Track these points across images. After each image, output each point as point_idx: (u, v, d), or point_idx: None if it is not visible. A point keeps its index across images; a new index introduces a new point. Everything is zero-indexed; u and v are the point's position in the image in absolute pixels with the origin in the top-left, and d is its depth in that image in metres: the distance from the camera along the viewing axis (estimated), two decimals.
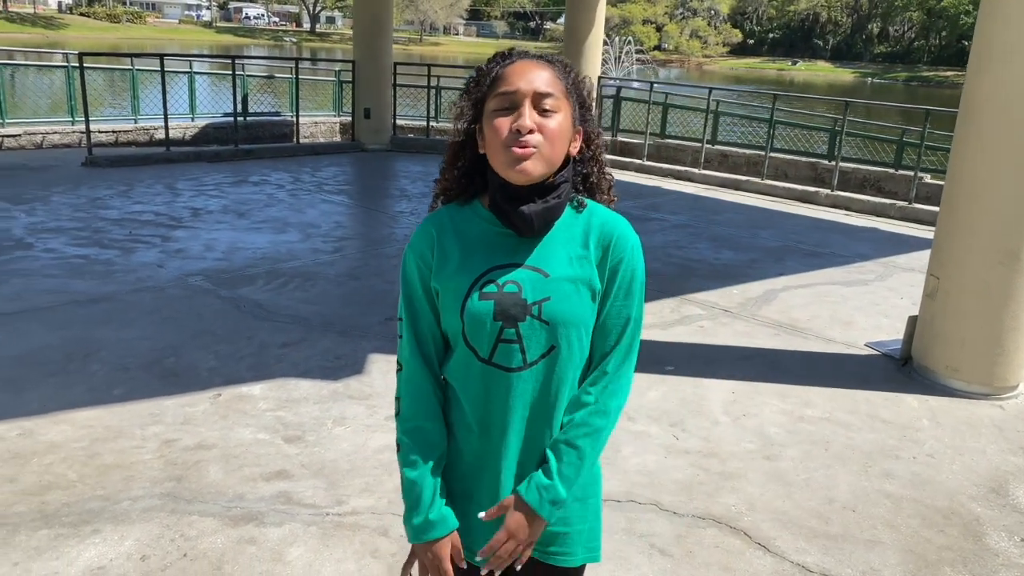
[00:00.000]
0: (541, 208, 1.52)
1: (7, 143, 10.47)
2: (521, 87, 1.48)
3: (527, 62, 1.52)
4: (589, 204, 1.62)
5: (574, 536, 1.66)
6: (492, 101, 1.51)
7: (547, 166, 1.50)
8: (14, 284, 5.56)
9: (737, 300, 6.17)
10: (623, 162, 12.23)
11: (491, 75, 1.54)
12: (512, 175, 1.49)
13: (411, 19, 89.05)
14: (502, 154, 1.48)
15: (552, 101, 1.49)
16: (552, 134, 1.48)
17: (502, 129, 1.48)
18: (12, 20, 64.66)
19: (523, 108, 1.48)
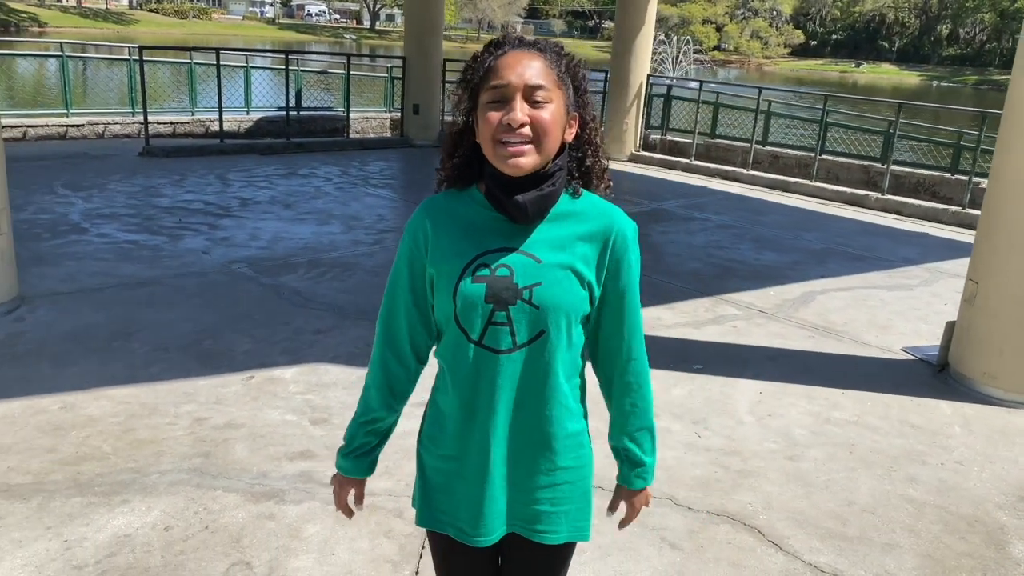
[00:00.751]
0: (535, 196, 1.54)
1: (71, 132, 10.87)
2: (512, 80, 1.49)
3: (518, 53, 1.53)
4: (584, 192, 1.64)
5: (560, 515, 1.70)
6: (485, 94, 1.52)
7: (541, 157, 1.52)
8: (68, 266, 5.79)
9: (774, 301, 6.10)
10: (671, 161, 12.16)
11: (484, 66, 1.55)
12: (505, 168, 1.51)
13: (469, 17, 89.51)
14: (493, 148, 1.51)
15: (543, 92, 1.50)
16: (545, 125, 1.50)
17: (493, 122, 1.49)
18: (86, 16, 66.89)
19: (514, 102, 1.49)
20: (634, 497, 1.83)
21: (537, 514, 1.68)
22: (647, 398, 1.75)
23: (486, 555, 1.75)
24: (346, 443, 1.76)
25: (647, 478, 1.81)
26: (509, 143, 1.49)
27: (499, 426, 1.61)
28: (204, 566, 2.81)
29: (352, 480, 1.78)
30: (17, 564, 2.76)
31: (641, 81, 12.08)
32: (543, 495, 1.67)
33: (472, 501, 1.65)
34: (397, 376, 1.70)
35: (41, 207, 7.28)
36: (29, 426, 3.65)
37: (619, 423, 1.76)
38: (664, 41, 39.58)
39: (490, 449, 1.63)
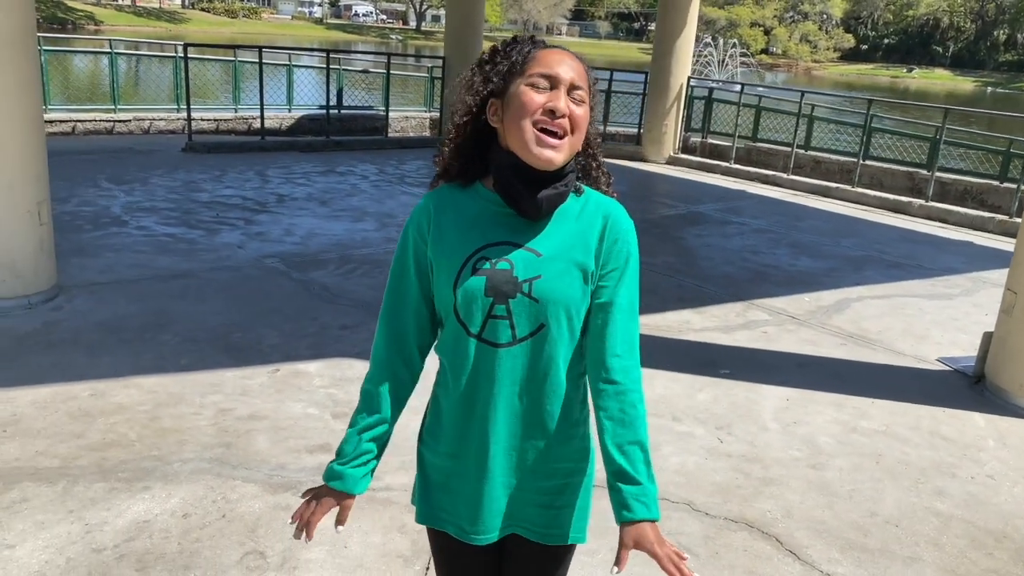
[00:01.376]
0: (552, 194, 1.55)
1: (118, 128, 11.13)
2: (561, 73, 1.52)
3: (563, 52, 1.57)
4: (586, 189, 1.64)
5: (563, 516, 1.68)
6: (526, 79, 1.53)
7: (570, 154, 1.55)
8: (107, 258, 5.92)
9: (807, 308, 6.00)
10: (710, 164, 12.04)
11: (523, 54, 1.56)
12: (533, 158, 1.51)
13: (514, 19, 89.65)
14: (527, 131, 1.51)
15: (582, 93, 1.54)
16: (580, 122, 1.53)
17: (535, 103, 1.50)
18: (140, 14, 68.42)
19: (559, 92, 1.52)
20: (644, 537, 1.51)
21: (538, 514, 1.67)
22: (636, 406, 1.59)
23: (487, 554, 1.74)
24: (345, 453, 1.65)
25: (649, 505, 1.54)
26: (547, 131, 1.51)
27: (499, 422, 1.60)
28: (218, 554, 2.85)
29: (342, 495, 1.65)
30: (39, 546, 2.82)
31: (681, 83, 11.97)
32: (544, 494, 1.66)
33: (471, 499, 1.65)
34: (403, 380, 1.68)
35: (84, 200, 7.46)
36: (60, 412, 3.74)
37: (607, 433, 1.56)
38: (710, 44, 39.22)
39: (489, 446, 1.61)
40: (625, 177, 11.06)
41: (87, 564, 2.75)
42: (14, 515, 2.98)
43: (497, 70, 1.57)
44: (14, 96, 4.49)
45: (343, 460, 1.65)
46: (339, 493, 1.65)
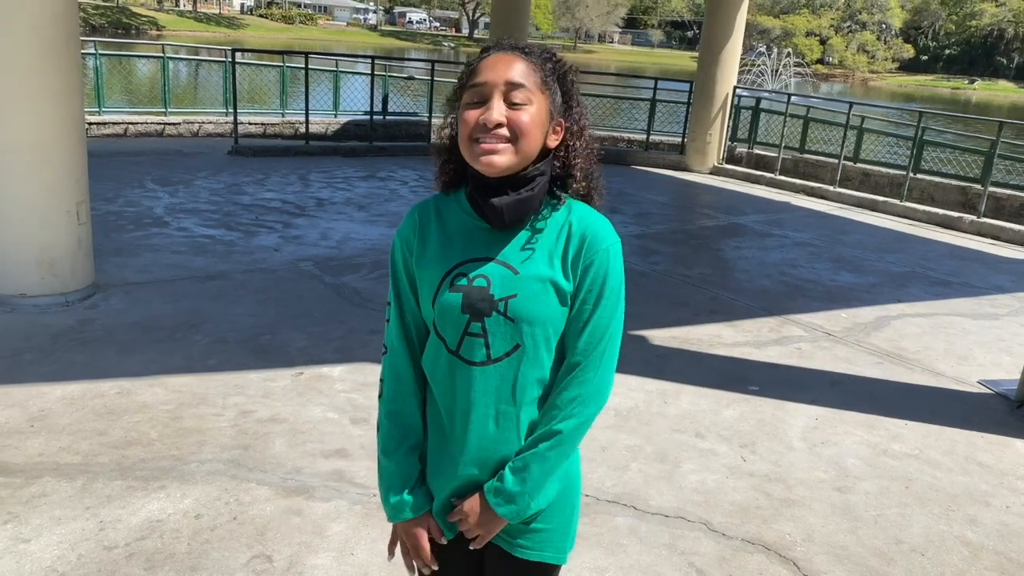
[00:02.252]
0: (512, 201, 1.50)
1: (168, 130, 11.38)
2: (490, 79, 1.47)
3: (502, 54, 1.51)
4: (569, 201, 1.58)
5: (543, 533, 1.65)
6: (466, 94, 1.51)
7: (517, 158, 1.48)
8: (145, 258, 6.05)
9: (844, 324, 5.85)
10: (754, 175, 11.85)
11: (470, 67, 1.54)
12: (478, 166, 1.48)
13: (567, 26, 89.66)
14: (469, 149, 1.49)
15: (523, 93, 1.46)
16: (522, 127, 1.46)
17: (469, 122, 1.47)
18: (200, 20, 70.12)
19: (492, 101, 1.46)
20: (480, 510, 1.57)
21: (518, 530, 1.64)
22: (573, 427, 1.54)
23: (469, 563, 1.72)
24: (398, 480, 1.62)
25: (500, 500, 1.55)
26: (484, 145, 1.46)
27: (472, 437, 1.57)
28: (226, 556, 2.87)
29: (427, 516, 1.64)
30: (53, 541, 2.87)
31: (727, 93, 11.81)
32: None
33: (448, 509, 1.63)
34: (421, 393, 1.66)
35: (129, 200, 7.63)
36: (86, 409, 3.81)
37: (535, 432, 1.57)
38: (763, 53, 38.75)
39: (459, 460, 1.59)
40: (667, 187, 10.95)
41: (97, 561, 2.79)
42: (33, 509, 3.04)
43: (457, 89, 1.55)
44: (57, 100, 4.61)
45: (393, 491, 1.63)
46: (417, 520, 1.64)
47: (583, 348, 1.54)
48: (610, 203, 7.21)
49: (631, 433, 4.01)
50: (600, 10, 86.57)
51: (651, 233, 8.16)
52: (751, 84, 26.14)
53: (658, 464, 3.74)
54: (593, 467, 3.65)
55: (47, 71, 4.51)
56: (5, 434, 3.53)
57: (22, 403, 3.81)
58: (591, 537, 3.14)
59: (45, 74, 4.49)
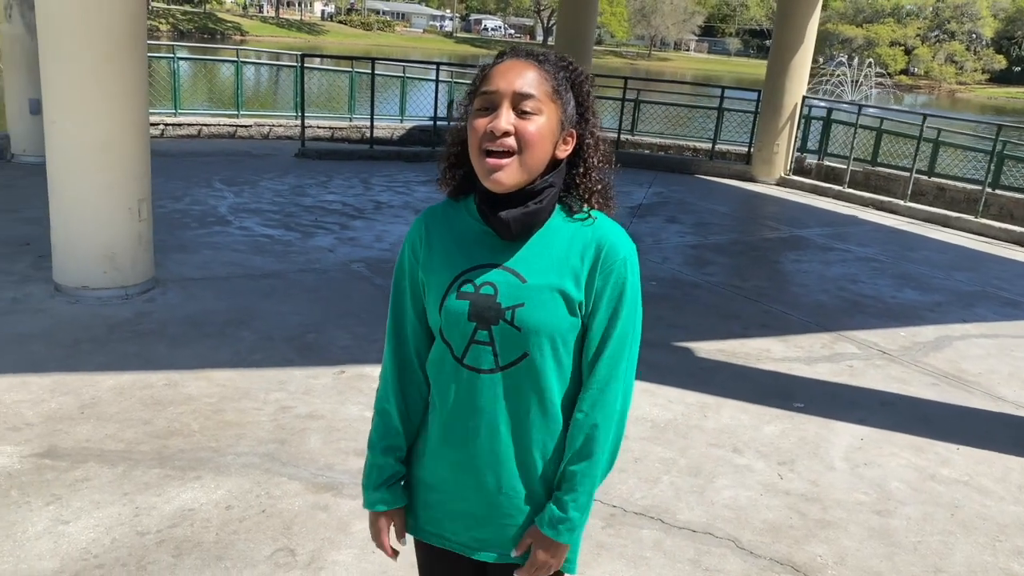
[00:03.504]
0: (519, 214, 1.50)
1: (240, 132, 11.73)
2: (501, 87, 1.46)
3: (514, 61, 1.50)
4: (585, 210, 1.56)
5: None
6: (476, 100, 1.50)
7: (524, 172, 1.47)
8: (205, 255, 6.24)
9: (901, 343, 5.65)
10: (822, 187, 11.56)
11: (480, 75, 1.53)
12: (486, 184, 1.48)
13: (642, 34, 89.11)
14: (478, 160, 1.48)
15: (533, 103, 1.45)
16: (530, 137, 1.45)
17: (478, 130, 1.46)
18: (282, 26, 72.15)
19: (501, 109, 1.45)
20: (540, 546, 1.57)
21: (518, 537, 1.62)
22: (600, 444, 1.54)
23: (467, 569, 1.72)
24: (375, 474, 1.67)
25: (561, 532, 1.55)
26: (492, 153, 1.45)
27: (485, 447, 1.57)
28: (251, 548, 2.94)
29: (393, 512, 1.68)
30: (90, 524, 2.99)
31: (796, 102, 11.55)
32: (525, 520, 1.61)
33: (459, 517, 1.63)
34: (412, 396, 1.66)
35: (196, 199, 7.89)
36: (134, 399, 3.95)
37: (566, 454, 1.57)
38: (843, 63, 37.78)
39: (472, 472, 1.59)
40: (730, 197, 10.77)
41: (129, 546, 2.89)
42: (75, 492, 3.17)
43: (469, 95, 1.54)
44: (122, 101, 4.80)
45: (379, 480, 1.66)
46: (382, 515, 1.69)
47: (605, 361, 1.53)
48: (669, 212, 7.17)
49: (666, 446, 3.95)
50: (676, 18, 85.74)
51: (708, 244, 8.04)
52: (829, 95, 25.49)
53: (691, 478, 3.68)
54: (624, 478, 3.61)
55: (113, 73, 4.70)
56: (57, 419, 3.69)
57: (76, 390, 3.97)
58: (614, 548, 3.11)
59: (111, 75, 4.69)
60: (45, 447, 3.46)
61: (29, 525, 2.95)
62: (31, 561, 2.77)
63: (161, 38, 42.60)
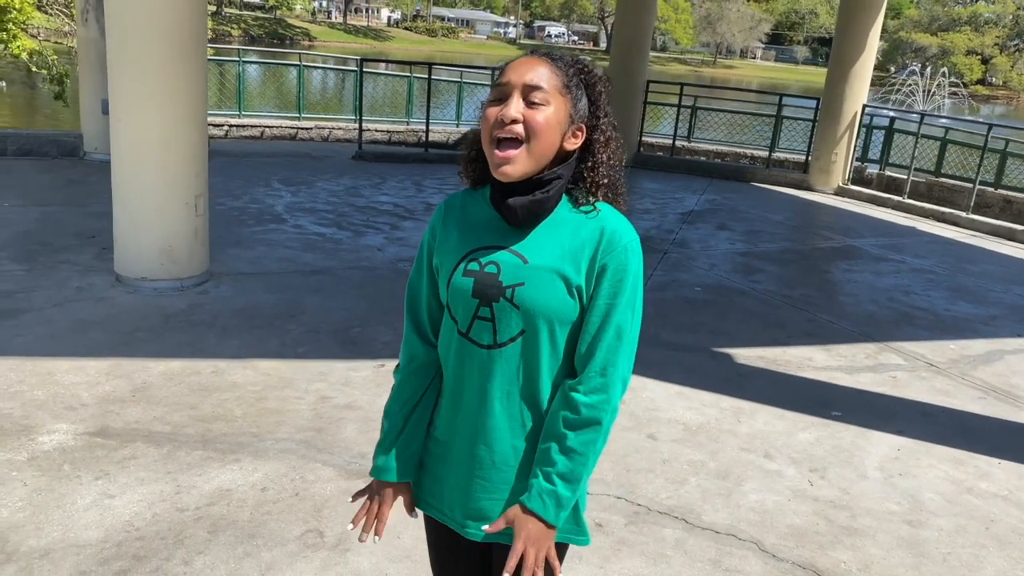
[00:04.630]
0: (526, 202, 1.58)
1: (300, 134, 12.05)
2: (512, 79, 1.55)
3: (528, 58, 1.60)
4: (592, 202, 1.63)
5: None
6: (491, 93, 1.60)
7: (531, 162, 1.55)
8: (259, 250, 6.46)
9: (950, 356, 5.54)
10: (881, 198, 11.33)
11: (499, 71, 1.64)
12: (496, 175, 1.57)
13: (707, 41, 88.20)
14: (489, 150, 1.57)
15: (541, 94, 1.54)
16: (535, 126, 1.53)
17: (490, 118, 1.56)
18: (348, 32, 73.56)
19: (511, 99, 1.55)
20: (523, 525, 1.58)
21: None
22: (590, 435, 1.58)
23: (474, 548, 1.79)
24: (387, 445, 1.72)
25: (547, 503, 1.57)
26: (501, 143, 1.54)
27: (481, 419, 1.65)
28: (282, 528, 3.06)
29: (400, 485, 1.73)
30: (135, 499, 3.15)
31: (856, 111, 11.35)
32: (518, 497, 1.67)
33: (456, 489, 1.71)
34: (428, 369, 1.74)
35: (254, 198, 8.15)
36: (183, 384, 4.14)
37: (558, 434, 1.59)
38: (915, 72, 36.81)
39: (472, 440, 1.67)
40: (785, 205, 10.64)
41: (168, 520, 3.04)
42: (122, 469, 3.34)
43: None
44: (182, 100, 5.03)
45: (383, 453, 1.73)
46: (397, 484, 1.73)
47: (603, 347, 1.59)
48: (720, 219, 7.16)
49: (697, 448, 3.97)
50: (742, 25, 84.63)
51: (758, 251, 7.97)
52: (900, 104, 24.89)
53: (719, 481, 3.69)
54: (651, 478, 3.64)
55: (175, 72, 4.93)
56: (110, 401, 3.89)
57: (129, 375, 4.17)
58: (635, 545, 3.15)
59: (173, 75, 4.92)
60: (98, 426, 3.66)
61: (78, 497, 3.12)
62: (78, 530, 2.93)
63: (232, 42, 43.83)
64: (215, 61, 12.46)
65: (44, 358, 4.26)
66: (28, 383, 3.99)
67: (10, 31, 12.78)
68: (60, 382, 4.03)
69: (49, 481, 3.21)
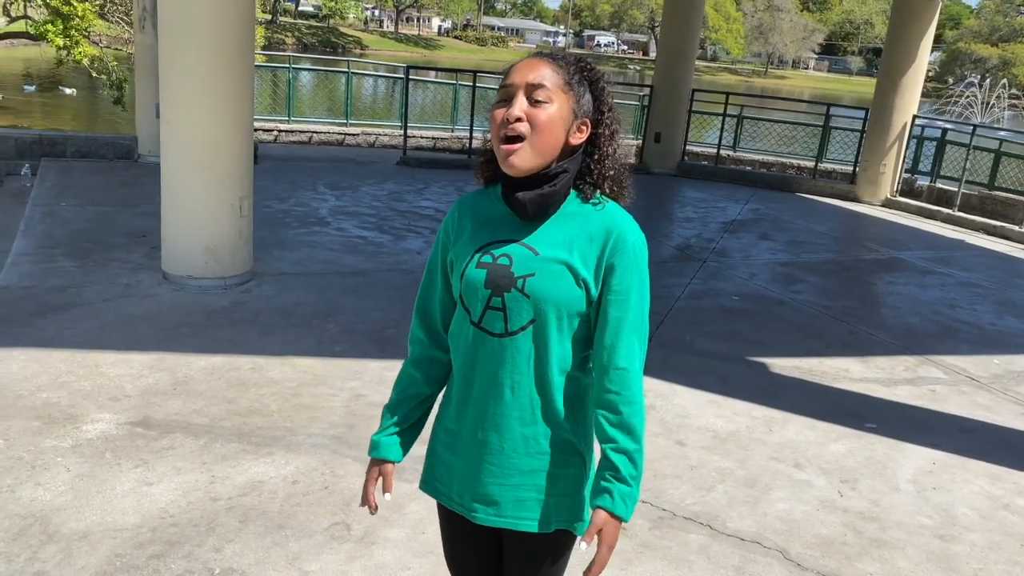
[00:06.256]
0: (535, 195, 1.65)
1: (347, 140, 12.25)
2: (515, 80, 1.63)
3: (530, 59, 1.67)
4: (597, 197, 1.70)
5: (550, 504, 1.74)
6: (497, 95, 1.67)
7: (537, 156, 1.62)
8: (302, 252, 6.60)
9: (994, 371, 5.42)
10: (930, 210, 11.10)
11: (504, 72, 1.70)
12: (504, 168, 1.64)
13: (759, 51, 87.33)
14: (496, 147, 1.64)
15: (544, 92, 1.61)
16: (540, 124, 1.60)
17: (496, 119, 1.63)
18: (400, 40, 74.50)
19: (515, 99, 1.61)
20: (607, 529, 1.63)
21: (523, 501, 1.74)
22: (633, 416, 1.66)
23: (485, 534, 1.85)
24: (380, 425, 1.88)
25: (617, 500, 1.63)
26: (507, 140, 1.61)
27: (492, 406, 1.71)
28: (310, 520, 3.14)
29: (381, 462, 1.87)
30: (171, 487, 3.26)
31: (905, 122, 11.16)
32: (531, 481, 1.73)
33: (466, 475, 1.77)
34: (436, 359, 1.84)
35: (300, 201, 8.33)
36: (222, 379, 4.26)
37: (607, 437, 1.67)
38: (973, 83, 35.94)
39: (480, 426, 1.73)
40: (830, 216, 10.50)
41: (202, 509, 3.14)
42: (160, 459, 3.46)
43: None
44: (229, 103, 5.18)
45: (378, 431, 1.88)
46: (379, 461, 1.87)
47: (612, 337, 1.65)
48: (763, 229, 7.11)
49: (726, 456, 3.95)
50: (795, 35, 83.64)
51: (799, 262, 7.89)
52: (958, 116, 24.34)
53: (746, 488, 3.67)
54: (677, 484, 3.65)
55: (223, 77, 5.08)
56: (152, 393, 4.03)
57: (171, 368, 4.31)
58: (658, 549, 3.15)
59: (221, 79, 5.07)
60: (139, 417, 3.79)
61: (117, 484, 3.24)
62: (116, 515, 3.05)
63: (286, 50, 44.79)
64: (267, 68, 12.76)
65: (92, 351, 4.42)
66: (76, 374, 4.14)
67: (73, 37, 13.26)
68: (106, 374, 4.18)
69: (91, 467, 3.34)
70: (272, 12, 62.89)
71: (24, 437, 3.52)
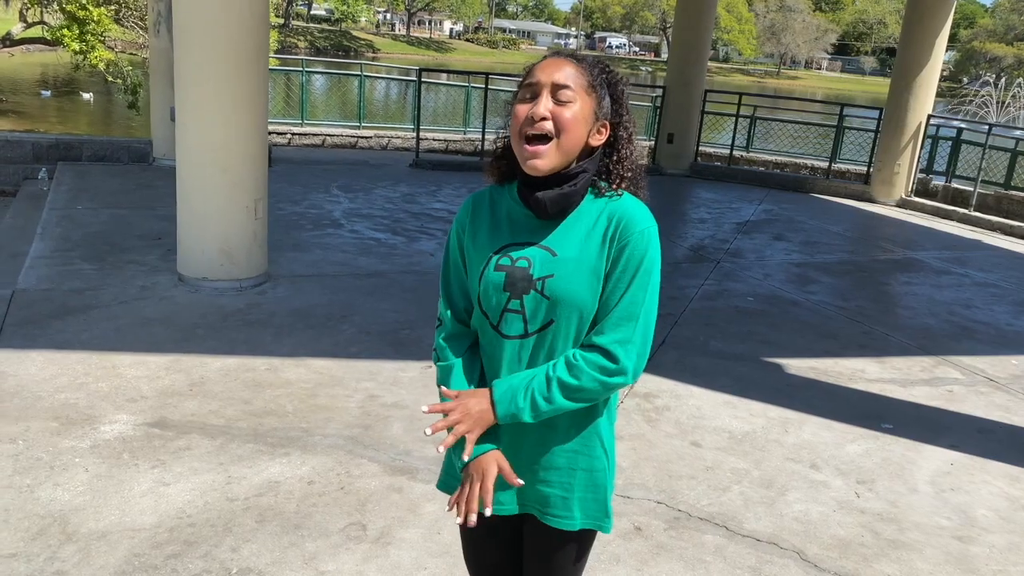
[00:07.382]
0: (555, 195, 1.65)
1: (360, 143, 12.29)
2: (541, 79, 1.63)
3: (554, 58, 1.67)
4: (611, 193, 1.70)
5: (574, 501, 1.76)
6: (519, 92, 1.68)
7: (560, 156, 1.62)
8: (316, 254, 6.62)
9: (1011, 371, 5.37)
10: (946, 210, 11.03)
11: (525, 71, 1.70)
12: (525, 168, 1.64)
13: (771, 52, 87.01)
14: (518, 146, 1.64)
15: (568, 92, 1.61)
16: (565, 122, 1.61)
17: (520, 116, 1.63)
18: (411, 43, 74.67)
19: (540, 97, 1.62)
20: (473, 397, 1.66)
21: (549, 497, 1.76)
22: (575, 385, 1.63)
23: (505, 529, 1.86)
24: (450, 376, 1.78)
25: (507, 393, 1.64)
26: (531, 140, 1.61)
27: None
28: (326, 520, 3.15)
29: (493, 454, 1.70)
30: (187, 487, 3.28)
31: (920, 121, 11.09)
32: (554, 478, 1.75)
33: None
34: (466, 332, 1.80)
35: (313, 203, 8.36)
36: (238, 380, 4.27)
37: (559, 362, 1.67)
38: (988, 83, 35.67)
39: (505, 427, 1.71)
40: (844, 217, 10.44)
41: (218, 509, 3.15)
42: (177, 459, 3.48)
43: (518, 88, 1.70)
44: (244, 107, 5.20)
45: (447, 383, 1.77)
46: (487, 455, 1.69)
47: (613, 325, 1.64)
48: (776, 230, 7.08)
49: (742, 457, 3.94)
50: (808, 36, 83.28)
51: (814, 262, 7.85)
52: (973, 115, 24.18)
53: (762, 489, 3.66)
54: (693, 484, 3.63)
55: (237, 81, 5.11)
56: (169, 394, 4.05)
57: (187, 370, 4.33)
58: (674, 550, 3.14)
59: (235, 83, 5.10)
60: (156, 418, 3.81)
61: (135, 484, 3.26)
62: (134, 515, 3.07)
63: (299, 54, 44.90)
64: (281, 71, 12.82)
65: (109, 352, 4.45)
66: (93, 375, 4.17)
67: (89, 42, 13.37)
68: (123, 375, 4.21)
69: (109, 468, 3.36)
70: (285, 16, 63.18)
71: (43, 438, 3.54)
